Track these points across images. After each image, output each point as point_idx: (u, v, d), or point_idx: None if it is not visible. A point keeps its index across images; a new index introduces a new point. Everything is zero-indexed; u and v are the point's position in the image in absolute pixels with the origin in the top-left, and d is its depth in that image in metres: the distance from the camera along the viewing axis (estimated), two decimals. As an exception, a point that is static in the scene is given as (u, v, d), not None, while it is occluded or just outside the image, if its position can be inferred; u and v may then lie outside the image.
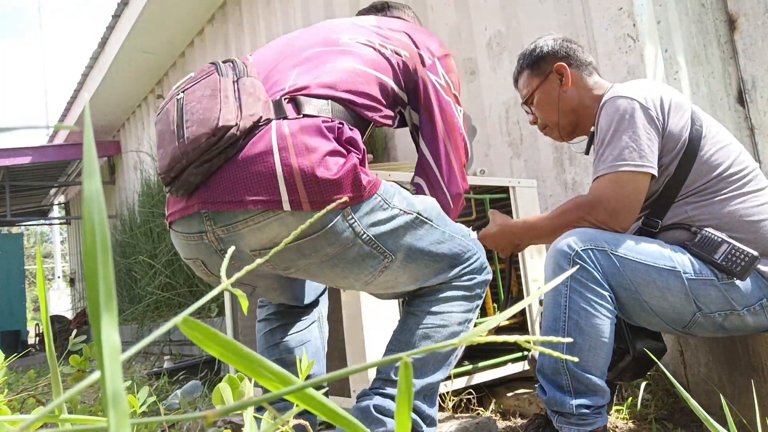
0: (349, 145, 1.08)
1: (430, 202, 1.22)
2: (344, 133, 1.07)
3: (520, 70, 1.62)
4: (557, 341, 0.32)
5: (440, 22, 3.05)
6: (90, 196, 0.24)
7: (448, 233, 1.21)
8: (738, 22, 2.30)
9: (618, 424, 1.68)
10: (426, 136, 1.29)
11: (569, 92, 1.53)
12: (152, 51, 6.14)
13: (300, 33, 1.31)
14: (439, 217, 1.21)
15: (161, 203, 5.20)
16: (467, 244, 1.24)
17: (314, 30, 1.30)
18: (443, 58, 1.31)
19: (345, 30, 1.26)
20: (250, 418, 0.41)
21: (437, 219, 1.20)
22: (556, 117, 1.55)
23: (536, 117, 1.61)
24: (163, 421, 0.28)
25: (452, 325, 1.21)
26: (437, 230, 1.19)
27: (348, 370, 0.27)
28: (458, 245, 1.22)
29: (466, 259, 1.23)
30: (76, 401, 0.84)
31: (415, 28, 1.36)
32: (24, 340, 9.18)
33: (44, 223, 15.34)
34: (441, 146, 1.28)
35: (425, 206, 1.19)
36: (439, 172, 1.30)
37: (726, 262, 1.26)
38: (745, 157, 1.39)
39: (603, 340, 1.25)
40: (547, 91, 1.55)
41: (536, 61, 1.57)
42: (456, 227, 1.24)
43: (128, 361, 4.32)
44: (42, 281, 0.40)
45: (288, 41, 1.28)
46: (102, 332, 0.23)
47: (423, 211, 1.17)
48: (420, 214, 1.16)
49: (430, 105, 1.27)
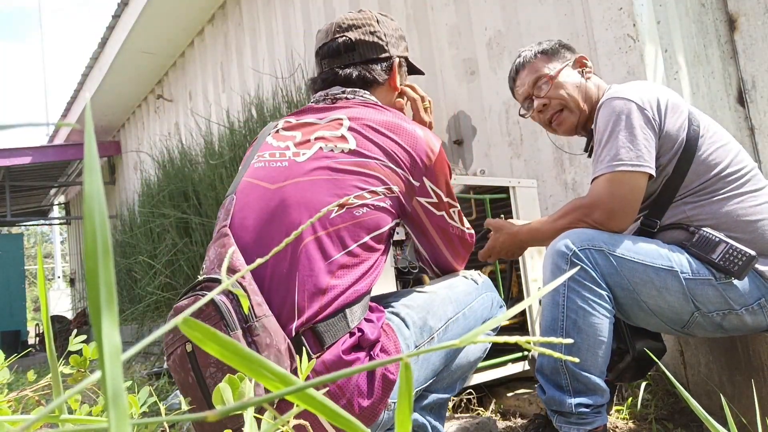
0: (376, 348, 1.06)
1: (440, 296, 1.22)
2: (367, 339, 1.04)
3: (534, 55, 1.55)
4: (557, 341, 0.32)
5: (440, 22, 3.05)
6: (91, 195, 0.24)
7: (464, 312, 1.23)
8: (738, 22, 2.30)
9: (618, 424, 1.68)
10: (421, 244, 1.29)
11: (589, 84, 1.53)
12: (152, 51, 6.15)
13: (278, 202, 1.10)
14: (452, 302, 1.22)
15: (161, 203, 5.20)
16: (486, 296, 1.29)
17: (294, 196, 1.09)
18: (432, 165, 1.17)
19: (324, 191, 1.08)
20: (250, 418, 0.41)
21: (451, 311, 1.21)
22: (581, 101, 1.51)
23: (550, 100, 1.52)
24: (164, 421, 0.28)
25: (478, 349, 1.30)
26: (458, 322, 1.22)
27: (348, 371, 0.27)
28: (479, 307, 1.27)
29: (489, 310, 1.30)
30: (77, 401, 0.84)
31: (399, 126, 1.16)
32: (24, 340, 9.18)
33: (44, 223, 15.34)
34: (437, 251, 1.29)
35: (435, 308, 1.19)
36: (436, 265, 1.34)
37: (723, 262, 1.26)
38: (744, 156, 1.39)
39: (601, 339, 1.25)
40: (571, 76, 1.53)
41: (556, 49, 1.55)
42: (469, 291, 1.27)
43: (128, 361, 4.32)
44: (42, 281, 0.40)
45: (269, 213, 1.09)
46: (102, 332, 0.23)
47: (436, 318, 1.18)
48: (435, 328, 1.17)
49: (422, 227, 1.24)
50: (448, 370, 1.23)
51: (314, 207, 1.07)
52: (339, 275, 1.04)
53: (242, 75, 5.14)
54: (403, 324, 1.13)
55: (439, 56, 3.06)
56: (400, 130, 1.16)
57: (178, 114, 6.46)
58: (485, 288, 1.33)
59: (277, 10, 4.61)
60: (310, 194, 1.08)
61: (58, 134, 9.16)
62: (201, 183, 4.69)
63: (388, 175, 1.11)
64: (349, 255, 1.05)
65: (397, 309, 1.16)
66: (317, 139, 1.14)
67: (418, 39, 3.19)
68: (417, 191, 1.17)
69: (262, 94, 4.55)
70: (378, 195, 1.09)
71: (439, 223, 1.23)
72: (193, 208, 4.75)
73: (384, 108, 1.24)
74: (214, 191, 4.42)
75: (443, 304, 1.21)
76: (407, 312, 1.15)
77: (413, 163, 1.15)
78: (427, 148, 1.17)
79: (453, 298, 1.23)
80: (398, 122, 1.17)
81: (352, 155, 1.11)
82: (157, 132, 6.90)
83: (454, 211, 1.25)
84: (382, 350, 1.06)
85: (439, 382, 1.23)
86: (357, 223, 1.07)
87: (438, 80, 3.06)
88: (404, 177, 1.14)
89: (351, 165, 1.10)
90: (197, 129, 5.51)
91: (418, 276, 1.59)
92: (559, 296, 1.28)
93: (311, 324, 1.00)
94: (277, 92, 4.24)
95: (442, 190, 1.21)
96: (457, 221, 1.26)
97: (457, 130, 2.97)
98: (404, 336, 1.11)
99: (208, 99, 5.74)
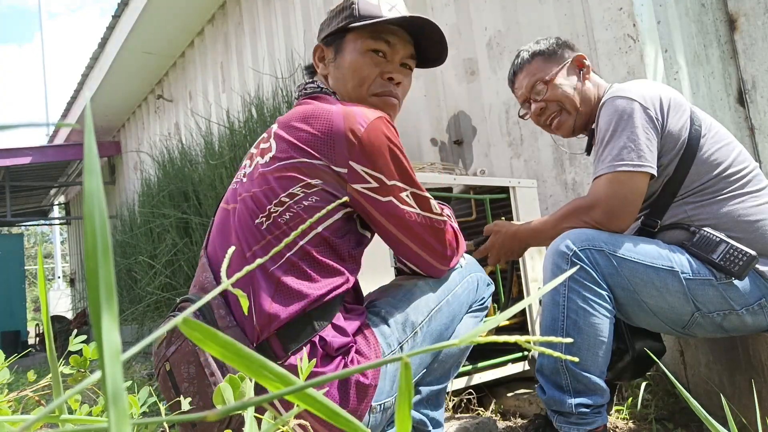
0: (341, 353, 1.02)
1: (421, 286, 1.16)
2: (331, 346, 1.00)
3: (532, 56, 1.54)
4: (557, 341, 0.32)
5: (440, 22, 3.05)
6: (91, 195, 0.24)
7: (447, 300, 1.18)
8: (738, 22, 2.30)
9: (618, 424, 1.68)
10: (385, 240, 1.13)
11: (587, 84, 1.52)
12: (152, 51, 6.15)
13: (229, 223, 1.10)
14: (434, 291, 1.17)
15: (161, 203, 5.20)
16: (470, 279, 1.23)
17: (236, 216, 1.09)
18: (359, 147, 1.02)
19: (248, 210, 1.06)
20: (251, 418, 0.41)
21: (433, 301, 1.16)
22: (578, 102, 1.50)
23: (547, 102, 1.52)
24: (164, 421, 0.28)
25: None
26: (441, 311, 1.17)
27: (349, 371, 0.27)
28: (463, 292, 1.21)
29: (474, 292, 1.25)
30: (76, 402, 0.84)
31: (314, 114, 1.06)
32: (24, 341, 9.17)
33: (44, 223, 15.34)
34: (402, 248, 1.12)
35: (416, 300, 1.14)
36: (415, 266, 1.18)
37: (724, 262, 1.26)
38: (745, 157, 1.39)
39: (602, 339, 1.25)
40: (569, 76, 1.51)
41: (553, 50, 1.53)
42: (452, 277, 1.20)
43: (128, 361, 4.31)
44: (43, 281, 0.40)
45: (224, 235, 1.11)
46: (102, 332, 0.23)
47: (418, 311, 1.14)
48: (417, 322, 1.13)
49: (370, 218, 1.08)
50: (438, 361, 1.21)
51: (242, 227, 1.06)
52: (289, 280, 1.00)
53: (242, 75, 5.14)
54: (384, 323, 1.10)
55: (439, 56, 3.06)
56: (314, 118, 1.05)
57: (178, 114, 6.46)
58: (470, 269, 1.25)
59: (277, 10, 4.61)
60: (240, 214, 1.07)
61: (58, 134, 9.17)
62: (201, 183, 4.69)
63: (307, 171, 1.02)
64: (288, 263, 1.01)
65: (379, 308, 1.13)
66: (257, 154, 1.12)
67: (418, 39, 3.19)
68: (348, 178, 1.03)
69: (262, 94, 4.55)
70: (297, 195, 1.02)
71: (388, 210, 1.05)
72: (193, 208, 4.75)
73: (312, 100, 1.15)
74: (214, 191, 4.42)
75: (425, 294, 1.15)
76: (388, 309, 1.12)
77: (330, 149, 1.02)
78: (347, 130, 1.02)
79: (435, 286, 1.18)
80: (314, 109, 1.07)
81: (273, 162, 1.06)
82: (157, 132, 6.90)
83: (407, 195, 1.06)
84: (358, 353, 1.03)
85: (431, 374, 1.22)
86: (283, 232, 1.02)
87: (438, 80, 3.06)
88: (323, 166, 1.02)
89: (272, 173, 1.05)
90: (197, 129, 5.51)
91: None
92: (560, 296, 1.28)
93: (273, 330, 0.99)
94: (277, 92, 4.24)
95: (381, 173, 1.04)
96: (415, 206, 1.07)
97: (457, 130, 2.97)
98: (385, 335, 1.09)
99: (208, 99, 5.74)
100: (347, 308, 1.08)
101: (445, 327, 1.17)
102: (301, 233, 0.99)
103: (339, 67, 1.18)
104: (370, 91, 1.17)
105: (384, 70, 1.17)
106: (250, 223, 1.04)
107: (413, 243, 1.10)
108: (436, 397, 1.24)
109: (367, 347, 1.05)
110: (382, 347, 1.07)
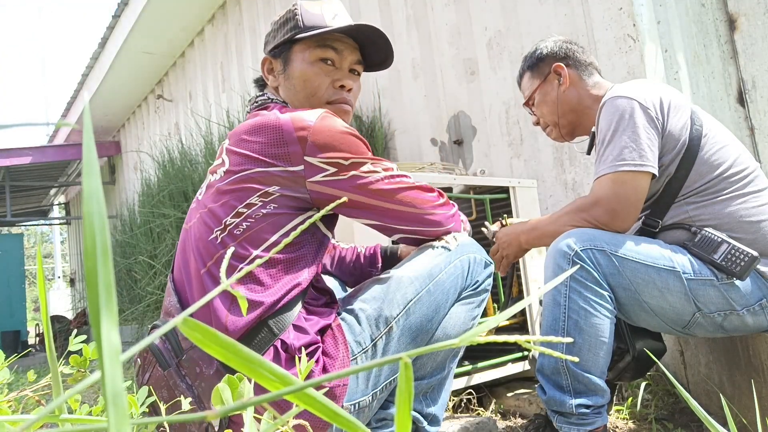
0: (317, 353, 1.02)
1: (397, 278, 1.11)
2: (293, 348, 1.00)
3: (522, 72, 1.65)
4: (557, 341, 0.32)
5: (440, 22, 3.05)
6: (90, 196, 0.24)
7: (428, 289, 1.11)
8: (738, 22, 2.30)
9: (618, 424, 1.68)
10: (369, 220, 1.11)
11: (568, 92, 1.54)
12: (152, 51, 6.15)
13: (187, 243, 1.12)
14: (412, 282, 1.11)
15: (161, 203, 5.20)
16: (458, 263, 1.15)
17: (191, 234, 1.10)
18: (311, 143, 1.03)
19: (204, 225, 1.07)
20: (250, 418, 0.41)
21: (411, 293, 1.10)
22: (556, 117, 1.57)
23: (538, 118, 1.63)
24: (164, 421, 0.28)
25: (460, 324, 1.17)
26: (421, 302, 1.11)
27: (349, 370, 0.27)
28: (448, 278, 1.13)
29: (464, 277, 1.16)
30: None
31: (262, 125, 1.06)
32: (24, 341, 9.17)
33: (44, 223, 15.34)
34: (391, 213, 1.10)
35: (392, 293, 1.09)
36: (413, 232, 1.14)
37: (726, 262, 1.26)
38: (746, 157, 1.39)
39: (602, 339, 1.25)
40: (547, 91, 1.57)
41: (536, 63, 1.59)
42: (436, 262, 1.13)
43: (128, 362, 4.31)
44: (42, 281, 0.40)
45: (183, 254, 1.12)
46: (102, 332, 0.23)
47: (393, 304, 1.09)
48: (392, 316, 1.08)
49: (344, 206, 1.08)
50: (427, 354, 1.15)
51: (198, 244, 1.07)
52: (243, 291, 1.00)
53: (242, 75, 5.14)
54: (355, 321, 1.08)
55: (439, 56, 3.06)
56: (262, 129, 1.06)
57: (178, 114, 6.46)
58: (460, 251, 1.16)
59: (277, 10, 4.61)
60: (196, 231, 1.08)
61: (58, 134, 9.17)
62: (201, 183, 4.69)
63: (263, 180, 1.04)
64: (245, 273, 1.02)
65: (352, 305, 1.11)
66: (210, 171, 1.13)
67: (418, 39, 3.19)
68: (306, 174, 1.03)
69: (262, 94, 4.54)
70: (255, 205, 1.03)
71: (354, 185, 1.05)
72: (193, 208, 4.75)
73: (258, 112, 1.16)
74: (214, 191, 4.42)
75: (401, 286, 1.10)
76: (361, 306, 1.09)
77: (284, 152, 1.03)
78: (297, 129, 1.03)
79: (414, 275, 1.11)
80: (262, 120, 1.07)
81: (227, 176, 1.06)
82: (157, 132, 6.90)
83: (367, 166, 1.06)
84: (324, 354, 1.03)
85: (422, 369, 1.17)
86: (240, 243, 1.02)
87: (438, 80, 3.06)
88: (280, 172, 1.03)
89: (226, 185, 1.06)
90: (197, 129, 5.51)
91: (393, 249, 1.44)
92: (561, 296, 1.27)
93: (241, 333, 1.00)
94: (277, 92, 4.23)
95: (337, 157, 1.04)
96: (378, 170, 1.07)
97: (457, 130, 2.97)
98: (355, 333, 1.06)
99: (208, 99, 5.74)
100: (308, 309, 1.08)
101: (427, 319, 1.11)
102: (250, 248, 1.02)
103: (289, 78, 1.20)
104: (323, 100, 1.19)
105: (334, 78, 1.19)
106: (205, 239, 1.05)
107: (394, 203, 1.08)
108: (433, 392, 1.20)
109: (335, 347, 1.04)
110: (351, 346, 1.05)
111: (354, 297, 1.14)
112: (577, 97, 1.54)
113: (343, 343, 1.05)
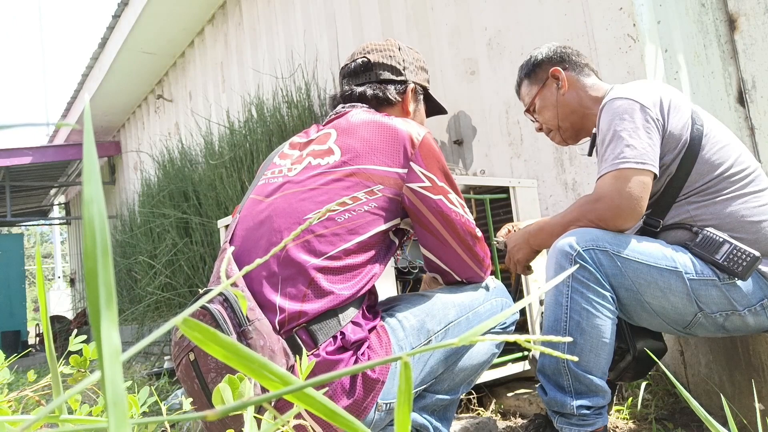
0: (363, 347, 1.07)
1: (441, 299, 1.22)
2: (348, 340, 1.05)
3: (520, 81, 1.66)
4: (558, 341, 0.32)
5: (440, 22, 3.05)
6: (90, 197, 0.23)
7: (467, 317, 1.22)
8: (738, 22, 2.30)
9: (618, 424, 1.68)
10: (428, 245, 1.22)
11: (567, 95, 1.55)
12: (152, 51, 6.15)
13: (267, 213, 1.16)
14: (455, 306, 1.22)
15: (161, 203, 5.20)
16: (494, 301, 1.28)
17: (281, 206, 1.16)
18: (418, 151, 1.17)
19: (308, 201, 1.13)
20: (250, 418, 0.41)
21: (452, 315, 1.20)
22: (557, 121, 1.57)
23: (541, 124, 1.63)
24: (164, 421, 0.28)
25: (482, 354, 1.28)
26: (460, 326, 1.21)
27: (349, 370, 0.27)
28: (485, 312, 1.25)
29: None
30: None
31: (378, 124, 1.19)
32: (24, 341, 9.18)
33: (44, 223, 15.34)
34: (448, 250, 1.21)
35: (435, 310, 1.19)
36: (453, 272, 1.26)
37: (727, 262, 1.25)
38: (747, 157, 1.39)
39: (604, 340, 1.25)
40: (546, 96, 1.58)
41: (533, 69, 1.61)
42: (476, 296, 1.26)
43: (128, 362, 4.31)
44: (42, 281, 0.40)
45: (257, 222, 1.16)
46: (102, 332, 0.23)
47: (435, 320, 1.18)
48: (432, 330, 1.17)
49: (420, 217, 1.17)
50: (449, 372, 1.22)
51: (297, 215, 1.12)
52: (322, 278, 1.06)
53: (242, 75, 5.14)
54: (399, 326, 1.14)
55: (439, 56, 3.06)
56: (379, 128, 1.18)
57: (178, 114, 6.46)
58: (496, 293, 1.30)
59: (277, 10, 4.61)
60: (296, 204, 1.14)
61: (58, 134, 9.16)
62: (201, 183, 4.69)
63: (371, 177, 1.13)
64: (330, 259, 1.08)
65: (396, 311, 1.18)
66: (308, 155, 1.21)
67: (418, 39, 3.19)
68: (406, 178, 1.15)
69: (262, 94, 4.55)
70: (360, 200, 1.12)
71: (439, 208, 1.17)
72: (193, 208, 4.75)
73: (370, 111, 1.26)
74: (214, 191, 4.42)
75: (444, 307, 1.20)
76: (405, 315, 1.17)
77: (396, 154, 1.16)
78: (407, 137, 1.17)
79: (457, 302, 1.22)
80: (378, 120, 1.20)
81: (337, 165, 1.15)
82: (157, 132, 6.90)
83: (453, 197, 1.19)
84: (369, 349, 1.08)
85: (440, 384, 1.23)
86: (339, 229, 1.10)
87: (438, 80, 3.06)
88: (388, 172, 1.15)
89: (335, 175, 1.14)
90: (197, 129, 5.51)
91: (418, 276, 1.58)
92: (563, 297, 1.27)
93: (303, 324, 1.04)
94: (277, 92, 4.23)
95: (435, 174, 1.18)
96: (459, 209, 1.20)
97: (457, 130, 2.97)
98: (398, 338, 1.13)
99: (208, 99, 5.74)
100: (365, 308, 1.14)
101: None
102: (346, 237, 1.09)
103: (417, 114, 1.42)
104: None
105: None
106: (301, 216, 1.11)
107: (458, 244, 1.20)
108: (443, 410, 1.25)
109: (379, 344, 1.09)
110: (393, 347, 1.11)
111: (396, 305, 1.21)
112: (576, 99, 1.54)
113: (387, 343, 1.11)
